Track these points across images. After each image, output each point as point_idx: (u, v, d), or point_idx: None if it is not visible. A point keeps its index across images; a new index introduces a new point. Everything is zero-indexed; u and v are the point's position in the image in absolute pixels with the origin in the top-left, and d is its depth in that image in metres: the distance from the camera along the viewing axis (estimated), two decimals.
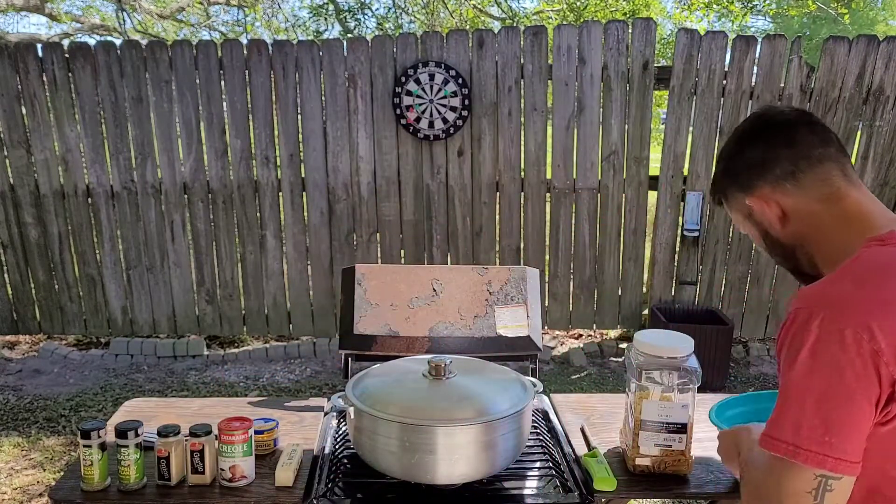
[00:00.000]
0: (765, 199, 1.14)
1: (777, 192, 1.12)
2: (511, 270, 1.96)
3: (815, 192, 1.11)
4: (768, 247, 1.21)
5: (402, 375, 1.55)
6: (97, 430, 1.47)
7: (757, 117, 1.19)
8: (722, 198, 1.24)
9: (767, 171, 1.13)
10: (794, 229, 1.14)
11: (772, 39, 4.12)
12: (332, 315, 4.51)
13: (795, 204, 1.12)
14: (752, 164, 1.14)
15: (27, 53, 4.14)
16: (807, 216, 1.12)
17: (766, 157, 1.13)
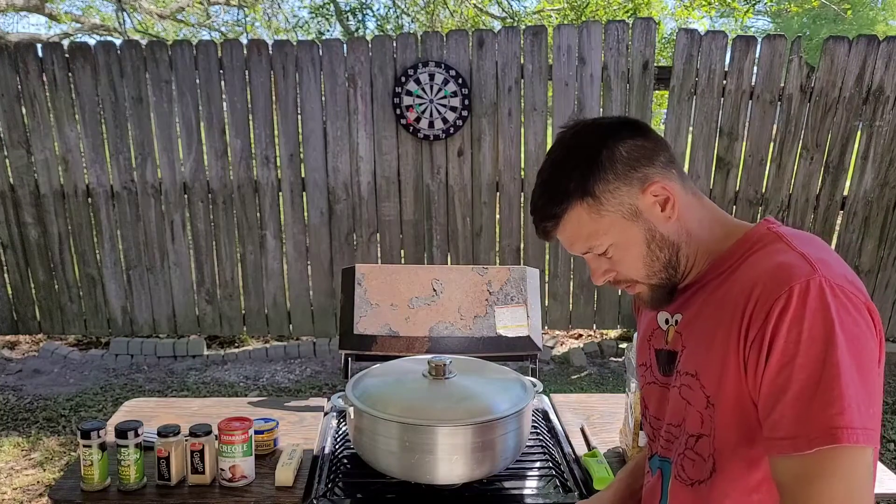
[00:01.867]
0: (661, 186, 0.99)
1: (667, 178, 1.00)
2: (511, 270, 1.96)
3: (689, 185, 1.04)
4: (652, 252, 1.02)
5: (402, 375, 1.55)
6: (97, 430, 1.47)
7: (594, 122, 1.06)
8: (590, 200, 0.99)
9: (654, 157, 1.00)
10: (679, 220, 1.01)
11: (772, 39, 4.12)
12: (332, 315, 4.51)
13: (680, 192, 1.01)
14: (636, 154, 0.99)
15: (27, 53, 4.14)
16: (688, 207, 1.02)
17: (646, 144, 1.00)
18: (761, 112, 4.17)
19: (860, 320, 0.87)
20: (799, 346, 0.86)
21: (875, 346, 0.88)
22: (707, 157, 4.27)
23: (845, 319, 0.85)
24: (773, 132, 4.22)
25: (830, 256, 0.93)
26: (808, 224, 4.34)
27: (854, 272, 0.93)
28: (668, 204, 1.00)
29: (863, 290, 0.90)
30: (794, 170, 4.26)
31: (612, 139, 0.99)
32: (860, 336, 0.86)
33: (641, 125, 1.04)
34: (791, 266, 0.90)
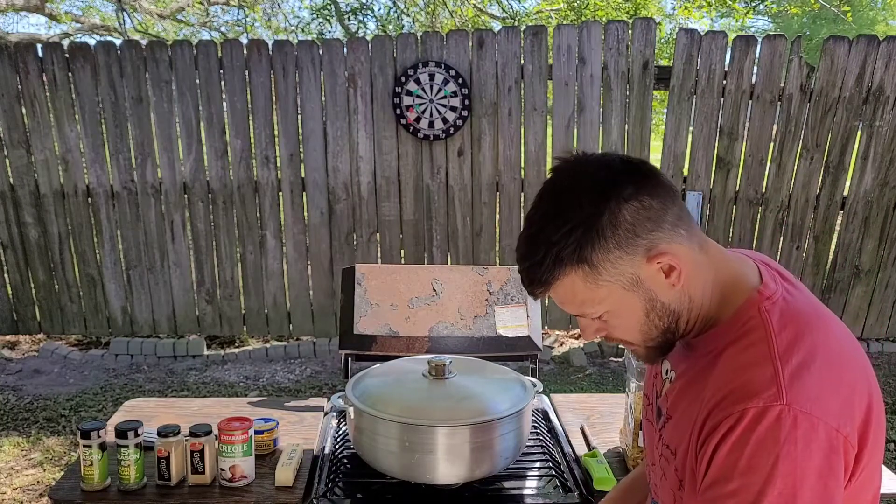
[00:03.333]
0: (666, 255, 0.90)
1: (675, 242, 0.90)
2: (511, 270, 1.96)
3: (697, 239, 0.93)
4: (650, 321, 0.95)
5: (402, 375, 1.55)
6: (97, 430, 1.47)
7: (609, 158, 0.93)
8: (586, 268, 0.89)
9: (662, 219, 0.89)
10: (683, 287, 0.92)
11: (772, 39, 4.12)
12: (332, 315, 4.51)
13: (687, 254, 0.91)
14: (642, 217, 0.88)
15: (27, 53, 4.14)
16: (694, 268, 0.92)
17: (653, 204, 0.89)
18: (761, 112, 4.17)
19: (816, 454, 0.81)
20: (734, 472, 0.82)
21: (836, 475, 0.82)
22: (707, 157, 4.27)
23: (797, 456, 0.80)
24: (773, 132, 4.22)
25: (816, 362, 0.85)
26: (808, 224, 4.35)
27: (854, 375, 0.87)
28: (674, 273, 0.91)
29: (841, 412, 0.83)
30: (794, 170, 4.26)
31: (615, 200, 0.87)
32: (809, 473, 0.80)
33: (648, 172, 0.92)
34: (754, 384, 0.83)
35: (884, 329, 4.55)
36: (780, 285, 0.95)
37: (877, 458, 0.91)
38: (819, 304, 0.96)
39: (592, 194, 0.88)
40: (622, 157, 0.93)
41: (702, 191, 4.29)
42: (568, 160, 0.93)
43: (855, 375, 0.88)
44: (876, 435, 0.88)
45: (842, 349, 0.89)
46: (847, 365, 0.88)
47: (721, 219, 4.35)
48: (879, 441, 0.90)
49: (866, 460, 0.87)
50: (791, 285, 0.97)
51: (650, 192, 0.89)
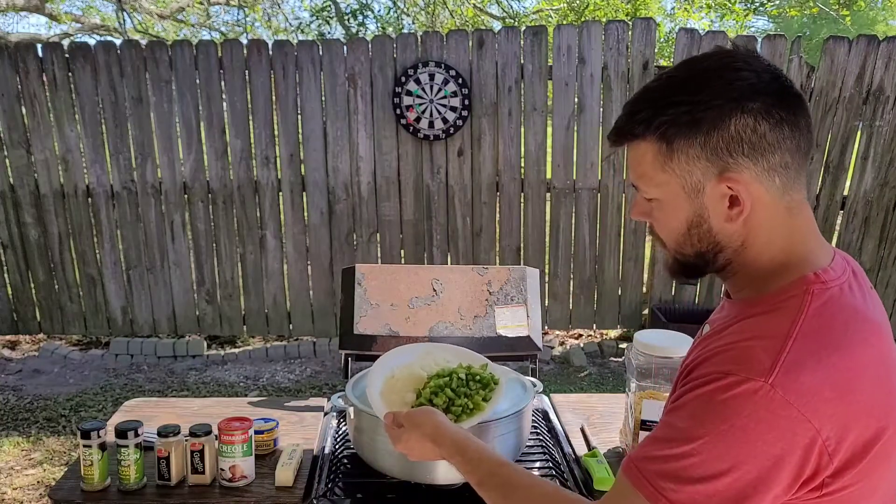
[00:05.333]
0: (743, 184, 0.85)
1: (757, 183, 0.85)
2: (511, 270, 1.96)
3: (789, 197, 0.87)
4: (690, 236, 0.91)
5: None
6: (97, 430, 1.47)
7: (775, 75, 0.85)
8: (664, 146, 0.86)
9: (764, 154, 0.84)
10: (742, 231, 0.88)
11: (772, 39, 4.12)
12: (332, 315, 4.51)
13: (768, 203, 0.86)
14: (747, 139, 0.83)
15: (27, 53, 4.14)
16: (767, 221, 0.87)
17: (768, 135, 0.83)
18: None
19: (780, 443, 0.78)
20: (687, 416, 0.83)
21: (796, 470, 0.79)
22: None
23: (752, 436, 0.78)
24: None
25: (831, 360, 0.80)
26: None
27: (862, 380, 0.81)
28: (738, 209, 0.86)
29: (830, 417, 0.78)
30: None
31: (735, 106, 0.82)
32: (761, 455, 0.78)
33: (793, 104, 0.85)
34: (753, 355, 0.80)
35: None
36: (846, 278, 0.89)
37: (875, 491, 0.85)
38: (877, 315, 0.88)
39: (722, 89, 0.83)
40: (783, 78, 0.86)
41: None
42: (741, 49, 0.88)
43: (872, 397, 0.81)
44: (876, 467, 0.82)
45: (874, 364, 0.83)
46: (868, 380, 0.81)
47: None
48: (882, 476, 0.84)
49: (853, 483, 0.82)
50: (859, 286, 0.90)
51: (774, 124, 0.83)
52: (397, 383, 1.39)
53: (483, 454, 1.09)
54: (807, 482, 0.80)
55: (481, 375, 1.42)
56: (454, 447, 1.12)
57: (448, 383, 1.36)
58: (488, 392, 1.38)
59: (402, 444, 1.20)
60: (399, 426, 1.20)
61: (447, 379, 1.38)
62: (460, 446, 1.12)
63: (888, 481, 0.87)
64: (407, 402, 1.34)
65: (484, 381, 1.40)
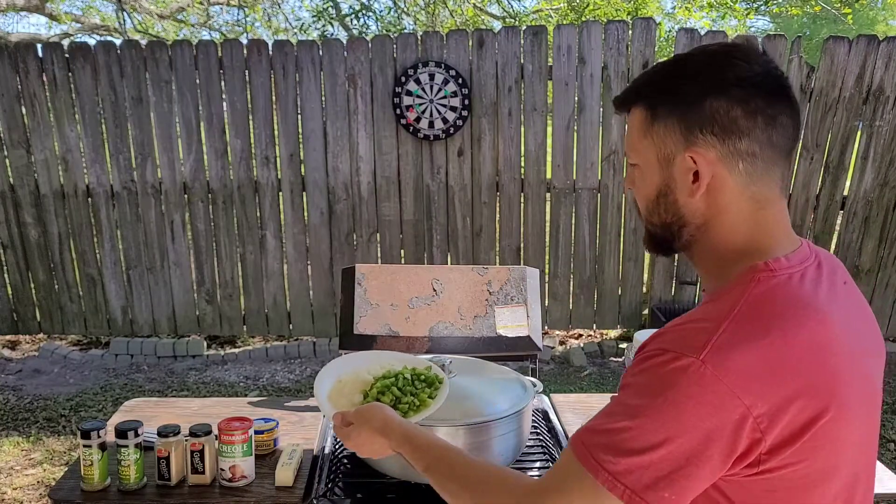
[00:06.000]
0: (707, 161, 0.89)
1: (723, 165, 0.89)
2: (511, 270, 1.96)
3: (755, 188, 0.90)
4: (657, 205, 0.96)
5: None
6: (97, 430, 1.47)
7: (767, 70, 0.89)
8: (649, 114, 0.93)
9: (731, 137, 0.88)
10: (705, 210, 0.92)
11: (772, 39, 4.12)
12: (332, 315, 4.51)
13: (732, 188, 0.90)
14: (720, 116, 0.88)
15: (27, 53, 4.14)
16: (730, 206, 0.91)
17: (740, 121, 0.87)
18: None
19: (711, 418, 0.80)
20: (631, 390, 0.86)
21: (728, 453, 0.81)
22: None
23: (685, 408, 0.80)
24: None
25: (765, 342, 0.82)
26: (808, 224, 4.35)
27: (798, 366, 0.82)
28: (699, 184, 0.90)
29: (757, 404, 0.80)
30: (794, 170, 4.26)
31: (719, 90, 0.88)
32: (692, 429, 0.80)
33: (775, 100, 0.89)
34: (689, 336, 0.84)
35: (884, 329, 4.55)
36: (803, 269, 0.90)
37: (829, 477, 0.87)
38: (830, 306, 0.89)
39: (712, 71, 0.89)
40: (776, 75, 0.90)
41: None
42: (748, 45, 0.92)
43: (811, 379, 0.83)
44: (821, 448, 0.84)
45: (814, 349, 0.84)
46: (806, 363, 0.83)
47: None
48: (832, 460, 0.86)
49: (795, 462, 0.83)
50: (818, 277, 0.92)
51: (748, 112, 0.87)
52: (345, 387, 1.40)
53: (431, 441, 1.11)
54: (741, 458, 0.82)
55: (426, 375, 1.44)
56: (403, 437, 1.14)
57: (394, 383, 1.39)
58: (433, 390, 1.41)
59: (351, 441, 1.21)
60: (348, 424, 1.22)
61: (393, 379, 1.40)
62: (408, 435, 1.14)
63: (843, 468, 0.88)
64: (355, 403, 1.35)
65: (429, 380, 1.43)
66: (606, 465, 0.83)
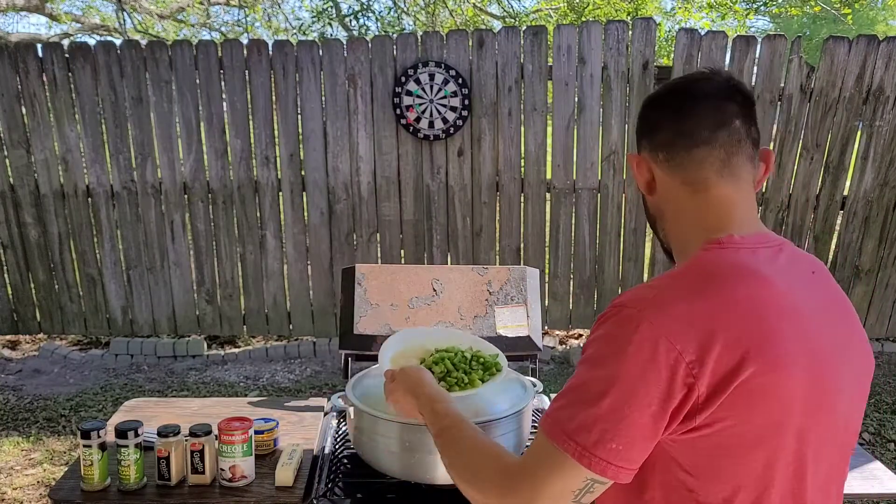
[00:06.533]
0: (642, 160, 1.05)
1: (651, 159, 1.04)
2: (511, 270, 1.96)
3: (683, 174, 1.01)
4: (644, 208, 1.12)
5: None
6: (97, 430, 1.47)
7: (682, 80, 1.06)
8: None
9: (648, 134, 1.04)
10: (657, 202, 1.06)
11: (772, 39, 4.12)
12: (332, 315, 4.51)
13: (663, 177, 1.03)
14: (641, 124, 1.06)
15: (27, 53, 4.14)
16: (668, 194, 1.03)
17: (652, 120, 1.04)
18: (761, 112, 4.17)
19: (643, 358, 0.86)
20: (587, 346, 0.94)
21: (666, 400, 0.86)
22: None
23: (626, 353, 0.87)
24: (773, 132, 4.22)
25: (697, 297, 0.89)
26: (808, 224, 4.35)
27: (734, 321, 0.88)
28: (644, 180, 1.06)
29: (689, 351, 0.86)
30: (794, 170, 4.26)
31: (647, 102, 1.06)
32: (643, 381, 0.86)
33: (685, 96, 1.02)
34: (636, 293, 0.93)
35: (884, 329, 4.55)
36: (751, 245, 0.97)
37: (760, 442, 0.89)
38: (779, 278, 0.94)
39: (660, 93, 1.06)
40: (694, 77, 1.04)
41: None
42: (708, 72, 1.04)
43: (739, 332, 0.87)
44: (751, 405, 0.87)
45: (748, 306, 0.89)
46: (736, 317, 0.88)
47: None
48: (761, 421, 0.88)
49: (725, 417, 0.87)
50: (775, 255, 0.98)
51: (658, 109, 1.04)
52: (408, 352, 1.46)
53: (449, 410, 1.14)
54: (679, 409, 0.87)
55: (485, 359, 1.46)
56: (427, 400, 1.18)
57: (451, 357, 1.43)
58: (486, 375, 1.43)
59: (391, 396, 1.27)
60: (392, 380, 1.28)
61: (452, 354, 1.44)
62: (433, 399, 1.18)
63: (787, 431, 0.90)
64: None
65: (486, 364, 1.45)
66: (564, 425, 0.89)
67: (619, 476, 0.88)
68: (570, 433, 0.88)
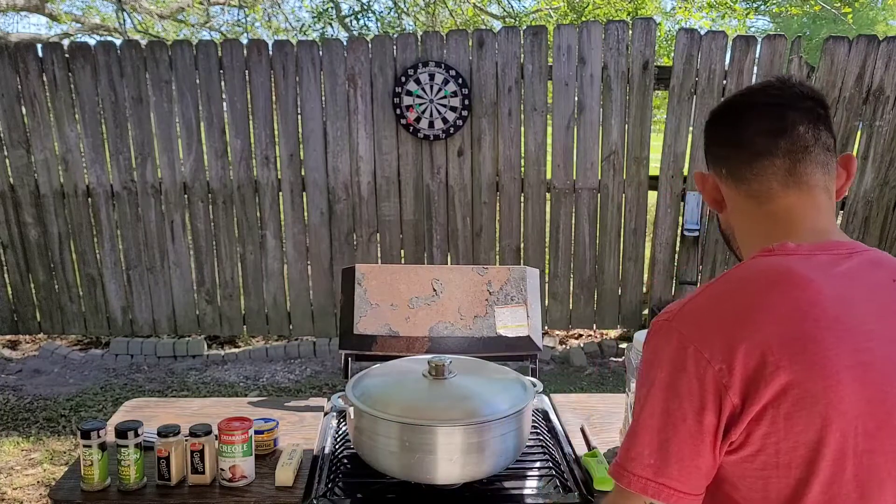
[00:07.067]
0: (707, 178, 1.05)
1: (716, 175, 1.04)
2: (511, 270, 1.96)
3: (746, 187, 0.99)
4: (718, 226, 1.12)
5: (402, 375, 1.55)
6: (97, 430, 1.47)
7: (740, 91, 1.05)
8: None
9: (712, 149, 1.05)
10: (727, 219, 1.05)
11: (772, 39, 4.12)
12: (332, 315, 4.51)
13: (729, 192, 1.02)
14: (705, 143, 1.07)
15: (27, 53, 4.14)
16: (736, 209, 1.02)
17: (711, 137, 1.05)
18: None
19: (682, 380, 0.86)
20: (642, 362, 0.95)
21: (702, 413, 0.85)
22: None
23: (660, 363, 0.89)
24: None
25: (724, 299, 0.89)
26: None
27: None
28: (711, 198, 1.06)
29: (719, 360, 0.83)
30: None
31: (708, 124, 1.06)
32: (675, 394, 0.87)
33: (734, 111, 1.01)
34: (676, 303, 0.94)
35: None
36: (807, 252, 0.91)
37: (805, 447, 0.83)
38: (851, 285, 0.88)
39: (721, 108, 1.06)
40: (743, 92, 1.03)
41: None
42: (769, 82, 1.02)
43: (771, 336, 0.83)
44: (789, 422, 0.82)
45: (785, 312, 0.85)
46: (770, 322, 0.84)
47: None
48: (805, 432, 0.83)
49: (771, 432, 0.83)
50: (836, 260, 0.91)
51: (712, 126, 1.04)
52: None
53: None
54: (715, 423, 0.85)
55: None
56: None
57: None
58: None
59: None
60: None
61: None
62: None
63: (819, 448, 0.83)
64: None
65: None
66: (620, 456, 0.91)
67: (671, 500, 0.87)
68: (622, 462, 0.90)
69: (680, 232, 4.40)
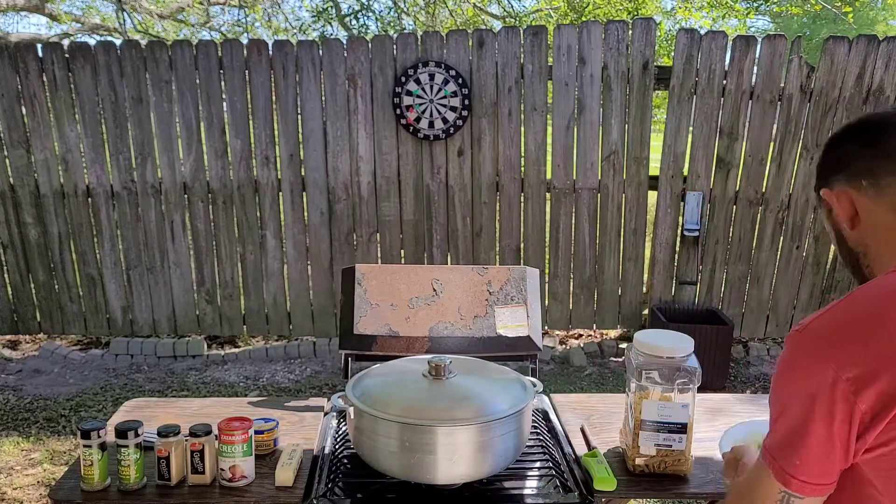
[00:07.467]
0: (841, 194, 1.05)
1: (852, 188, 1.04)
2: (511, 270, 1.96)
3: (889, 198, 1.00)
4: (839, 248, 1.12)
5: (402, 375, 1.55)
6: (97, 430, 1.47)
7: (863, 116, 1.10)
8: (817, 191, 1.14)
9: (845, 166, 1.05)
10: (861, 235, 1.05)
11: (772, 39, 4.12)
12: (332, 315, 4.51)
13: (868, 206, 1.02)
14: (835, 158, 1.08)
15: (27, 53, 4.14)
16: (875, 224, 1.02)
17: (848, 152, 1.06)
18: (761, 112, 4.17)
19: (806, 379, 0.92)
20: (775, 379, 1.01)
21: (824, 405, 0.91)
22: (707, 157, 4.27)
23: (791, 377, 0.95)
24: (773, 132, 4.23)
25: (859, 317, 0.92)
26: (808, 224, 4.35)
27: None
28: (849, 216, 1.05)
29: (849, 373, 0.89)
30: (794, 170, 4.26)
31: (839, 141, 1.09)
32: (798, 391, 0.94)
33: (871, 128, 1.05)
34: (803, 319, 0.98)
35: None
36: None
37: None
38: None
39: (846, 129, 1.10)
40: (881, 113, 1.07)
41: (702, 191, 4.29)
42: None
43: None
44: None
45: None
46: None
47: (721, 219, 4.35)
48: None
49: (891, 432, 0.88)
50: None
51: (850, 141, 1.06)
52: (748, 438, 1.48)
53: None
54: (847, 430, 0.90)
55: None
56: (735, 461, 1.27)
57: None
58: None
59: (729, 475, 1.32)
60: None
61: None
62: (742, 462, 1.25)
63: None
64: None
65: None
66: (767, 442, 1.00)
67: (803, 490, 0.94)
68: (768, 447, 0.99)
69: (680, 232, 4.40)
